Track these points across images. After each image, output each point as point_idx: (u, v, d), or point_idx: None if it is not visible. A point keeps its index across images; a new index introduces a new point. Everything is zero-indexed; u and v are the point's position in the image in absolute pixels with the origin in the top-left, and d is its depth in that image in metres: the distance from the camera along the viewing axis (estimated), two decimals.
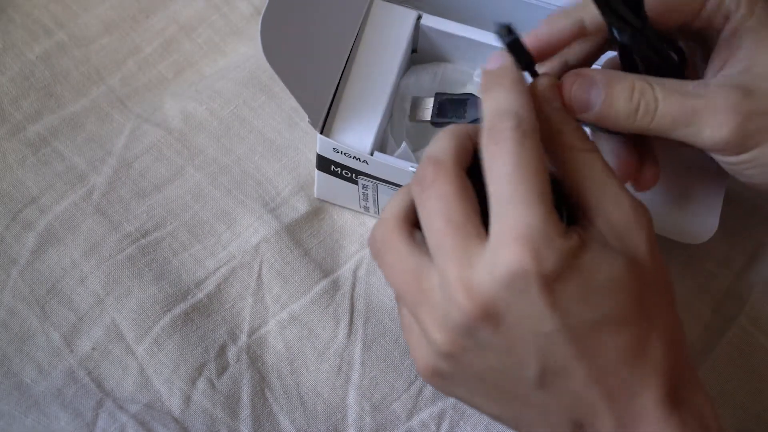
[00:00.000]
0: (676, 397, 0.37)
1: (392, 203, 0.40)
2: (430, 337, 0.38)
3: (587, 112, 0.42)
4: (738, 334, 0.56)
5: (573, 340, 0.36)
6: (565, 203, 0.39)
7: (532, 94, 0.39)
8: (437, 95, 0.55)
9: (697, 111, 0.41)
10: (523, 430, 0.40)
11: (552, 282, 0.35)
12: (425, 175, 0.38)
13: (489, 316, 0.36)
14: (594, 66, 0.46)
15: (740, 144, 0.41)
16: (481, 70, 0.40)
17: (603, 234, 0.37)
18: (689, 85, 0.42)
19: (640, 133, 0.42)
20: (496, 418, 0.41)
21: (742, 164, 0.43)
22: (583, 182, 0.38)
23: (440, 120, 0.54)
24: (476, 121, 0.52)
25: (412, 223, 0.40)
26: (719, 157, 0.43)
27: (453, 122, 0.54)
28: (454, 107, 0.54)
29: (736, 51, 0.43)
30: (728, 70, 0.43)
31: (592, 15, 0.43)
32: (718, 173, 0.48)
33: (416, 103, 0.55)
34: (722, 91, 0.41)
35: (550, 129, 0.39)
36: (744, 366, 0.55)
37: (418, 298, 0.38)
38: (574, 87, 0.41)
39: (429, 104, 0.55)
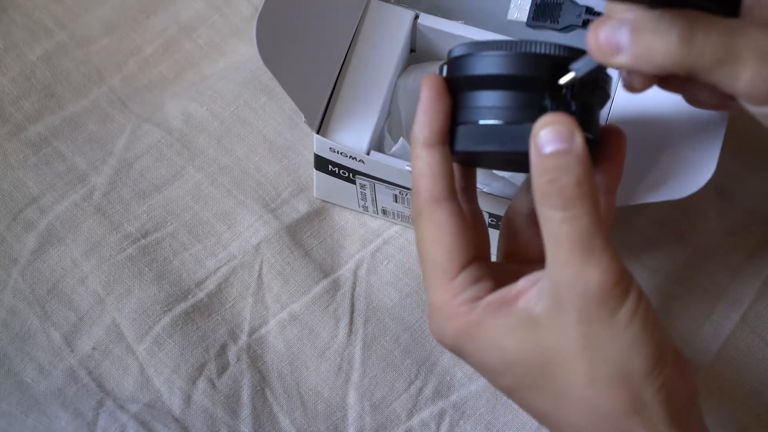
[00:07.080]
0: None
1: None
2: None
3: (617, 56, 0.37)
4: (738, 334, 0.56)
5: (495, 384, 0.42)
6: None
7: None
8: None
9: (738, 49, 0.36)
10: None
11: (452, 347, 0.41)
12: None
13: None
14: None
15: None
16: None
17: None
18: (730, 21, 0.37)
19: (675, 73, 0.37)
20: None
21: None
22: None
23: (536, 23, 0.53)
24: (570, 27, 0.52)
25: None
26: (754, 109, 0.38)
27: (548, 27, 0.52)
28: (549, 10, 0.52)
29: None
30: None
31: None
32: (718, 120, 0.46)
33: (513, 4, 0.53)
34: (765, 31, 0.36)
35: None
36: (744, 366, 0.55)
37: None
38: (601, 31, 0.37)
39: (526, 5, 0.52)
